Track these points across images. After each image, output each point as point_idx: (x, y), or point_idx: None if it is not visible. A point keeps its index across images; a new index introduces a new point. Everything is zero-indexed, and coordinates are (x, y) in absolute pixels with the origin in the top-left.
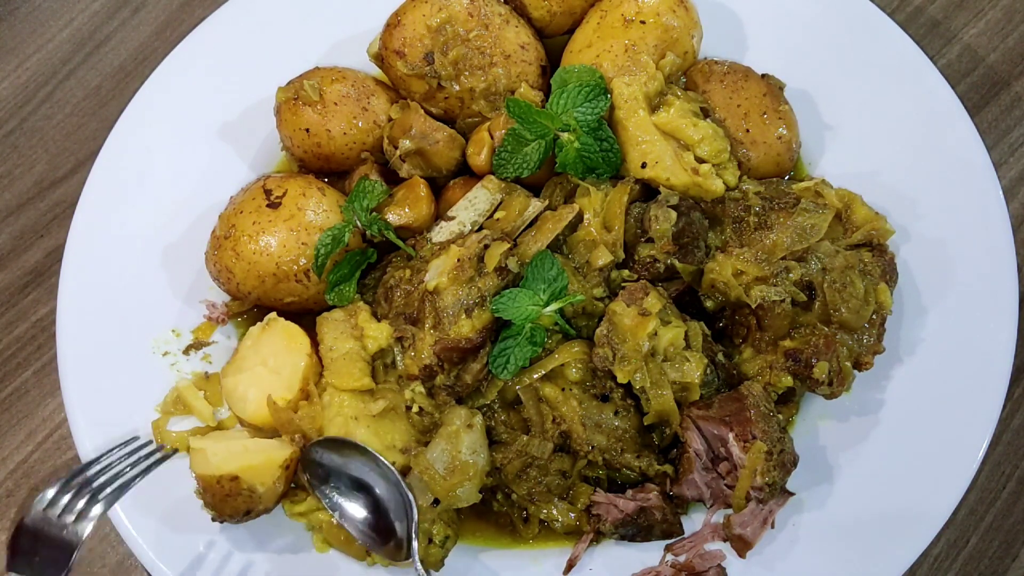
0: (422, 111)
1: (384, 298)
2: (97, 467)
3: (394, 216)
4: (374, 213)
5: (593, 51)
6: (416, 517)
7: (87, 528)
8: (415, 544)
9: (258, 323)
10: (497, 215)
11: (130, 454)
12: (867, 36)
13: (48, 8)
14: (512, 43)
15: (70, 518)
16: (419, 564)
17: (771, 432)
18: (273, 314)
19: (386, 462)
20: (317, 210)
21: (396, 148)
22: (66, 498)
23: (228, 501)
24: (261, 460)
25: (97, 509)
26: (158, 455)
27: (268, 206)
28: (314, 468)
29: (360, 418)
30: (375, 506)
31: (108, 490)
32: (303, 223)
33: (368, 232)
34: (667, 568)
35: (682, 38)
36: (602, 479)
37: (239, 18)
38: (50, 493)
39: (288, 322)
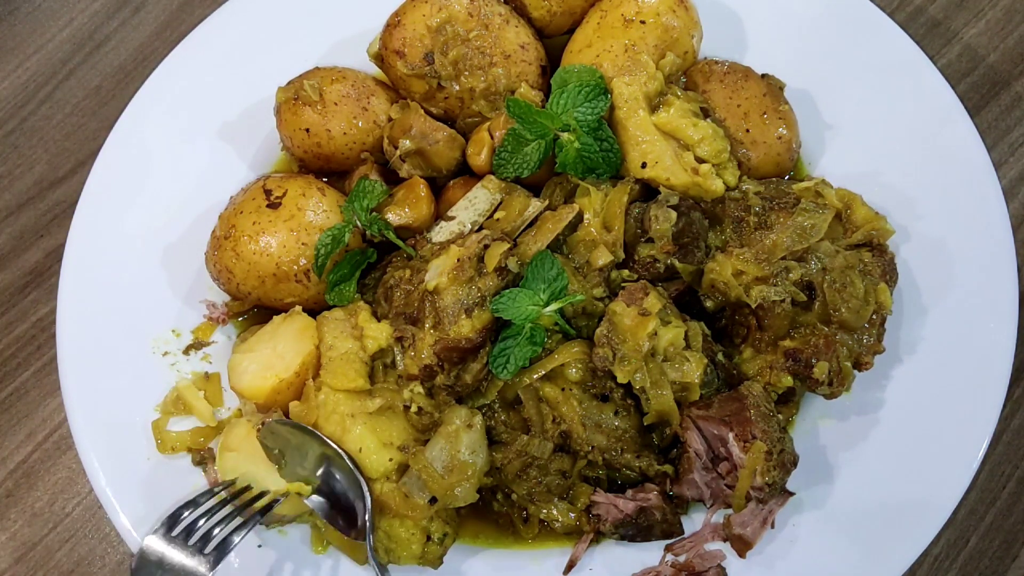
0: (422, 111)
1: (384, 298)
2: (208, 503)
3: (394, 216)
4: (374, 213)
5: (593, 51)
6: (369, 505)
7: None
8: (369, 534)
9: (282, 313)
10: (497, 215)
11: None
12: (867, 36)
13: (48, 8)
14: (512, 43)
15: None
16: (371, 554)
17: (771, 432)
18: (298, 308)
19: (335, 447)
20: (317, 210)
21: (396, 148)
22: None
23: None
24: None
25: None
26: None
27: (268, 206)
28: (274, 441)
29: (356, 415)
30: (333, 487)
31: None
32: (303, 223)
33: (368, 232)
34: (667, 568)
35: (682, 38)
36: (602, 479)
37: (239, 18)
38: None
39: (307, 316)
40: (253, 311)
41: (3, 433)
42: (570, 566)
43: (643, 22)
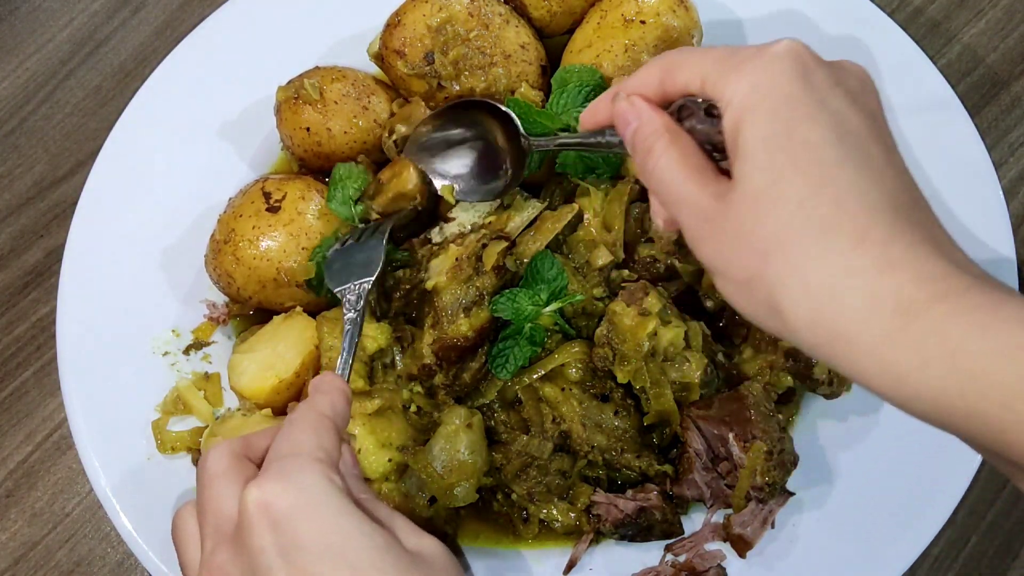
0: (424, 105)
1: (383, 298)
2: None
3: (385, 201)
4: (360, 204)
5: (593, 51)
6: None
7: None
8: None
9: (282, 314)
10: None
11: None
12: (867, 36)
13: (48, 8)
14: (512, 43)
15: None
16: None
17: (771, 432)
18: (298, 308)
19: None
20: (317, 214)
21: (392, 135)
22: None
23: None
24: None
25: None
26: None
27: (268, 210)
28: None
29: (355, 416)
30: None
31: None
32: (303, 227)
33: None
34: (667, 568)
35: (682, 38)
36: (602, 479)
37: (239, 18)
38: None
39: (307, 316)
40: (253, 312)
41: (3, 433)
42: (570, 566)
43: (643, 22)
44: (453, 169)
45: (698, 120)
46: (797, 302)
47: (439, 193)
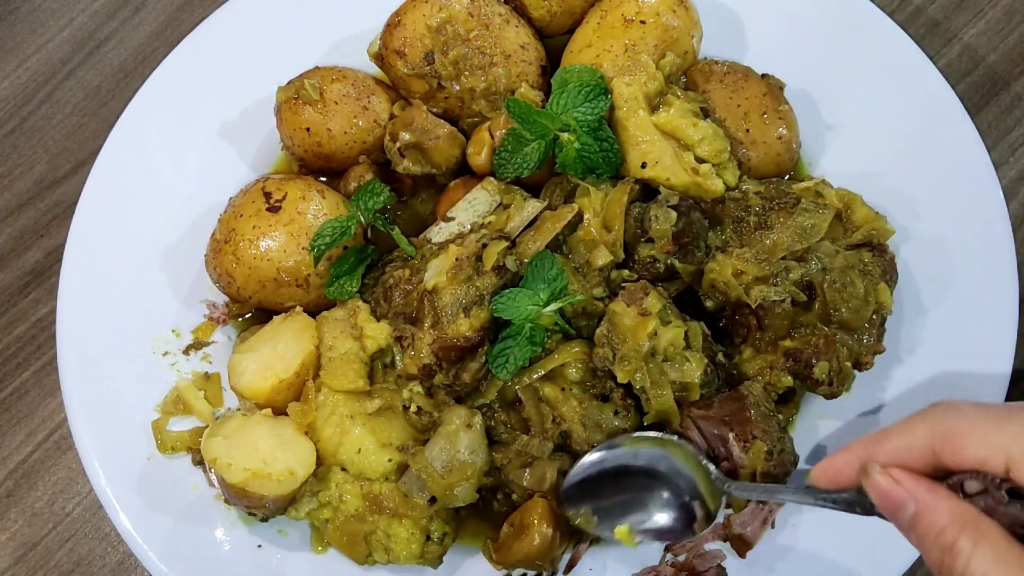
0: (424, 108)
1: (383, 298)
2: None
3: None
4: (377, 214)
5: (593, 51)
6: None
7: None
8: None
9: (282, 314)
10: (497, 216)
11: None
12: (867, 36)
13: (48, 8)
14: (512, 43)
15: None
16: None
17: (771, 432)
18: (298, 308)
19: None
20: (317, 214)
21: (396, 142)
22: None
23: (241, 500)
24: (278, 470)
25: None
26: None
27: (268, 210)
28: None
29: (356, 416)
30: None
31: None
32: (303, 227)
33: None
34: (667, 568)
35: (682, 38)
36: None
37: (239, 18)
38: None
39: (307, 316)
40: (253, 312)
41: (3, 433)
42: (570, 566)
43: (643, 22)
44: (621, 508)
45: (995, 499)
46: None
47: (614, 538)
